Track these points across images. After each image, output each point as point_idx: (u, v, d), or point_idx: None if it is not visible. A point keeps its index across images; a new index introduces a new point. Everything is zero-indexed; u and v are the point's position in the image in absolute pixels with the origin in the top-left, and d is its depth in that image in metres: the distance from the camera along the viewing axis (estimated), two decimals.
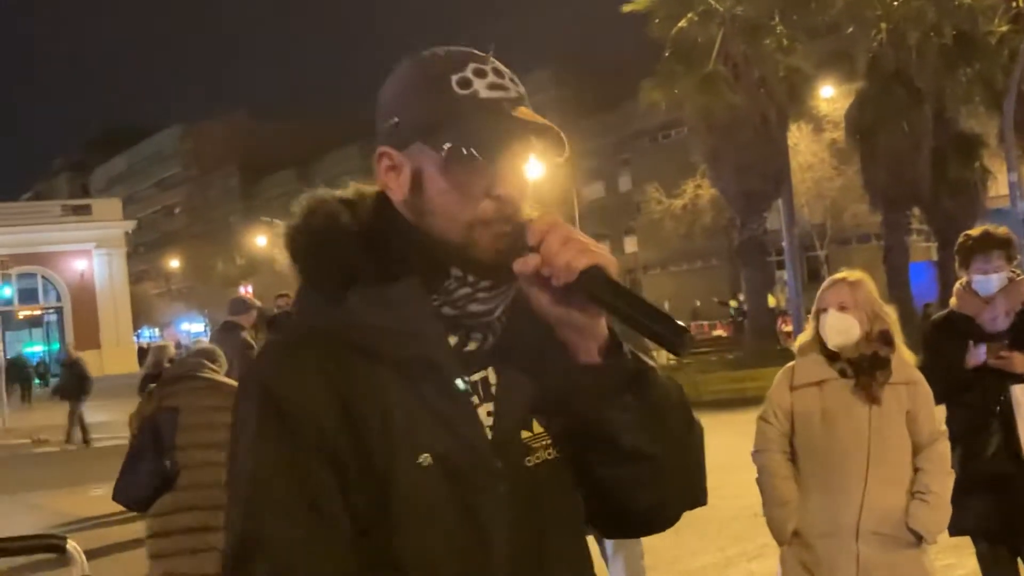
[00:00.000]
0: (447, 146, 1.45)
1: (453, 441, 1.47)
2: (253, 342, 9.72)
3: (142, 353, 41.71)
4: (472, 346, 1.52)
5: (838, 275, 4.11)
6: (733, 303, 37.43)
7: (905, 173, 24.94)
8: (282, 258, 1.57)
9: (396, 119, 1.51)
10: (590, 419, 1.49)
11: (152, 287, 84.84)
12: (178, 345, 35.36)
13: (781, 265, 31.19)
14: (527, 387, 1.53)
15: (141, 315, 70.30)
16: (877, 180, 25.65)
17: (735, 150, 23.95)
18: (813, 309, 4.07)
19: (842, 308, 3.95)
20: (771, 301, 28.09)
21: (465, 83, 1.47)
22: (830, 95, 30.47)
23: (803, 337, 4.13)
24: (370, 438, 1.44)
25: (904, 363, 3.99)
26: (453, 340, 1.51)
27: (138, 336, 74.41)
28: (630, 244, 55.03)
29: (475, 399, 1.51)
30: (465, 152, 1.45)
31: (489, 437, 1.50)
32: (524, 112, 1.48)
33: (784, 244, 26.36)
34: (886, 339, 3.96)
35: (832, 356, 3.98)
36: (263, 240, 64.39)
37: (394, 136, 1.52)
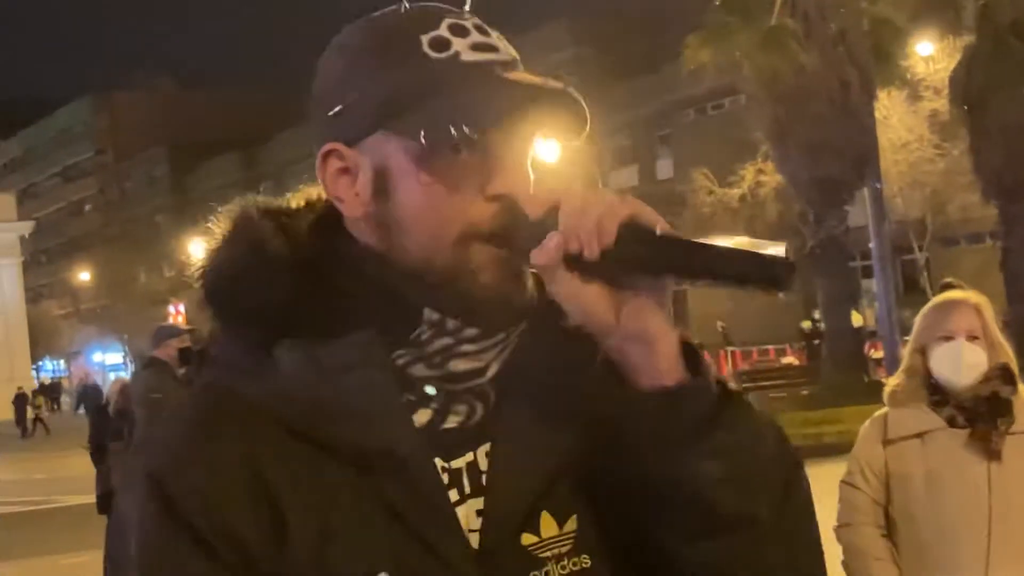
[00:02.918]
0: (424, 129, 1.35)
1: (418, 557, 1.37)
2: (182, 385, 9.73)
3: (44, 392, 41.88)
4: (453, 422, 1.43)
5: (957, 294, 4.09)
6: (806, 323, 37.41)
7: None
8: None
9: (342, 104, 1.42)
10: (665, 473, 1.35)
11: (55, 307, 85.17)
12: (89, 383, 35.44)
13: (868, 272, 31.16)
14: (535, 470, 1.42)
15: (41, 342, 70.48)
16: (990, 162, 25.62)
17: (806, 125, 23.96)
18: (920, 337, 4.03)
19: (972, 338, 3.94)
20: (856, 319, 28.05)
21: (441, 44, 1.39)
22: (929, 54, 30.46)
23: (898, 381, 4.09)
24: (306, 555, 1.35)
25: None
26: (425, 415, 1.41)
27: (38, 370, 74.59)
28: None
29: (454, 494, 1.41)
30: (453, 134, 1.33)
31: (474, 547, 1.40)
32: (524, 76, 1.40)
33: (872, 246, 26.30)
34: (1007, 376, 3.96)
35: (939, 400, 3.97)
36: (198, 246, 64.64)
37: (343, 127, 1.42)
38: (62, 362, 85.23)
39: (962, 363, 3.92)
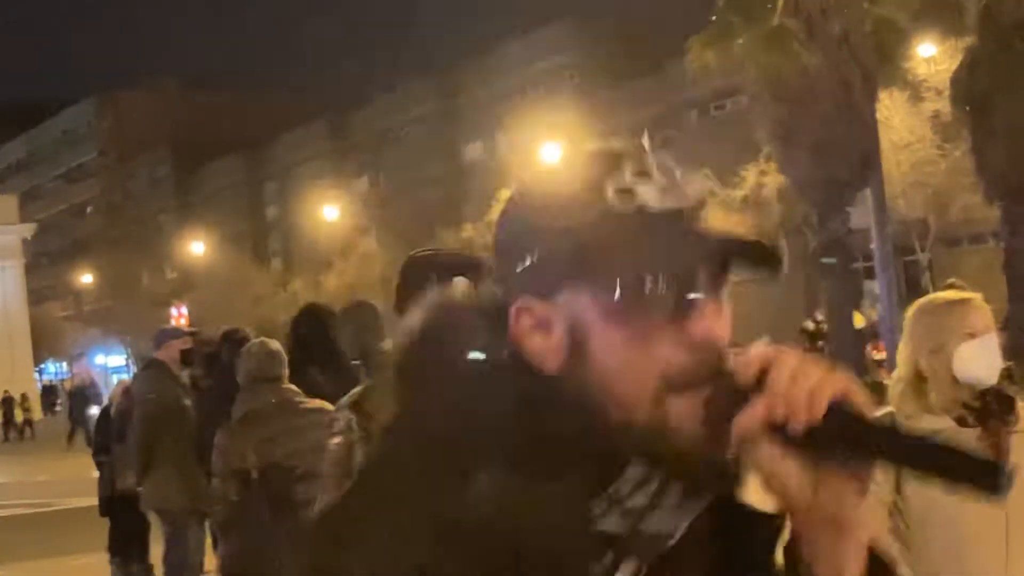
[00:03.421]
0: (615, 284, 1.32)
1: None
2: (181, 386, 9.72)
3: (47, 394, 41.80)
4: None
5: (957, 293, 4.10)
6: (809, 324, 37.38)
7: None
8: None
9: (531, 258, 1.38)
10: None
11: (58, 308, 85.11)
12: (91, 384, 35.42)
13: (871, 273, 31.13)
14: None
15: (44, 344, 70.44)
16: (993, 163, 25.58)
17: (809, 125, 23.93)
18: (936, 338, 3.98)
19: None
20: (858, 320, 28.03)
21: (626, 194, 1.35)
22: (931, 55, 30.44)
23: (905, 384, 4.06)
24: None
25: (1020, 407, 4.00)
26: (596, 570, 1.33)
27: (40, 372, 74.57)
28: None
29: None
30: (649, 287, 1.31)
31: None
32: (717, 222, 1.38)
33: (874, 246, 26.31)
34: (1009, 374, 3.97)
35: (953, 401, 3.96)
36: (201, 247, 64.62)
37: (533, 281, 1.37)
38: (64, 364, 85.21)
39: (997, 358, 3.90)
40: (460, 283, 1.51)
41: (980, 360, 3.90)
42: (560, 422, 1.34)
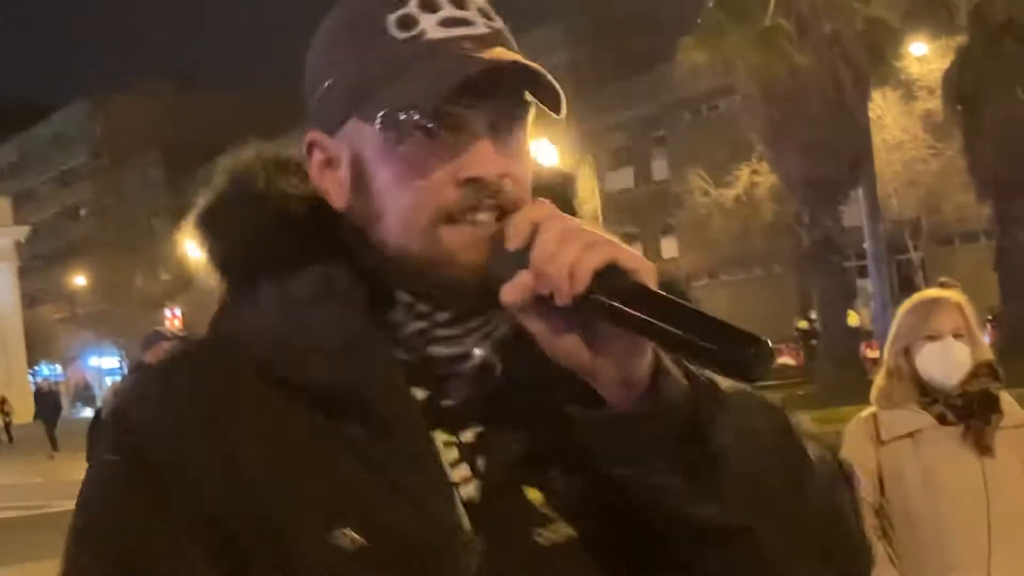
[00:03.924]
0: (381, 114, 1.30)
1: (393, 506, 1.28)
2: None
3: (40, 397, 41.70)
4: (453, 399, 1.36)
5: (936, 292, 4.12)
6: (802, 323, 37.43)
7: (1021, 152, 24.96)
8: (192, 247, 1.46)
9: (320, 90, 1.38)
10: (640, 493, 1.30)
11: (52, 311, 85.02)
12: (85, 386, 35.37)
13: (863, 272, 31.19)
14: (531, 436, 1.35)
15: (38, 347, 70.41)
16: (985, 162, 25.68)
17: (801, 125, 23.99)
18: (904, 337, 4.05)
19: (958, 335, 3.95)
20: (852, 319, 28.11)
21: (407, 22, 1.32)
22: (922, 54, 30.47)
23: (884, 382, 4.10)
24: (261, 501, 1.27)
25: (1011, 402, 4.01)
26: (420, 393, 1.35)
27: (34, 374, 74.49)
28: (668, 248, 55.09)
29: (465, 469, 1.34)
30: (404, 118, 1.29)
31: (465, 499, 1.32)
32: (498, 53, 1.31)
33: (867, 245, 26.36)
34: (993, 372, 3.98)
35: (928, 399, 3.99)
36: (195, 249, 64.58)
37: (322, 115, 1.38)
38: (58, 367, 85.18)
39: (954, 362, 3.93)
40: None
41: (936, 363, 3.95)
42: (342, 255, 1.36)
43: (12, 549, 15.01)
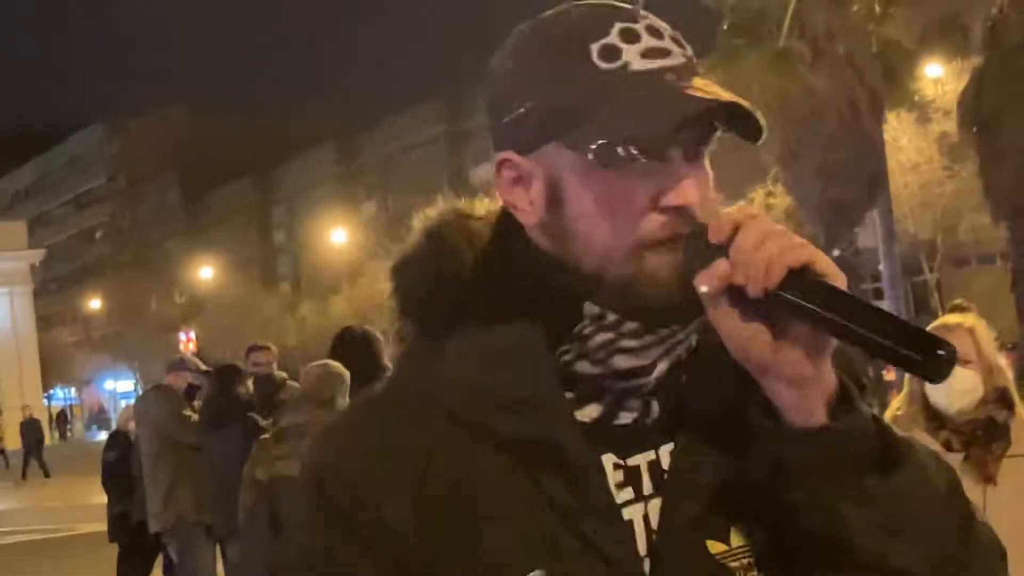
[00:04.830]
0: (594, 145, 1.32)
1: (578, 555, 1.33)
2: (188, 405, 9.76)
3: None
4: (626, 419, 1.40)
5: (951, 318, 4.11)
6: None
7: None
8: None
9: (515, 112, 1.39)
10: (811, 517, 1.31)
11: (67, 334, 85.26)
12: (100, 409, 35.46)
13: (879, 294, 31.11)
14: (715, 472, 1.38)
15: (53, 370, 70.50)
16: (1001, 183, 25.60)
17: (816, 147, 23.98)
18: None
19: (965, 362, 3.94)
20: None
21: (610, 52, 1.35)
22: (938, 75, 30.45)
23: (897, 405, 4.11)
24: (451, 546, 1.34)
25: None
26: (594, 410, 1.40)
27: (49, 398, 74.63)
28: None
29: (628, 492, 1.38)
30: (621, 151, 1.31)
31: (644, 547, 1.36)
32: (699, 85, 1.37)
33: (882, 267, 26.32)
34: (1005, 400, 3.97)
35: (936, 424, 3.98)
36: (210, 271, 64.76)
37: (516, 135, 1.40)
38: (72, 390, 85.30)
39: (952, 388, 3.92)
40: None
41: (940, 389, 3.93)
42: (530, 275, 1.41)
43: (27, 571, 15.02)
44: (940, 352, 1.26)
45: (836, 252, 25.07)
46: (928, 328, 4.07)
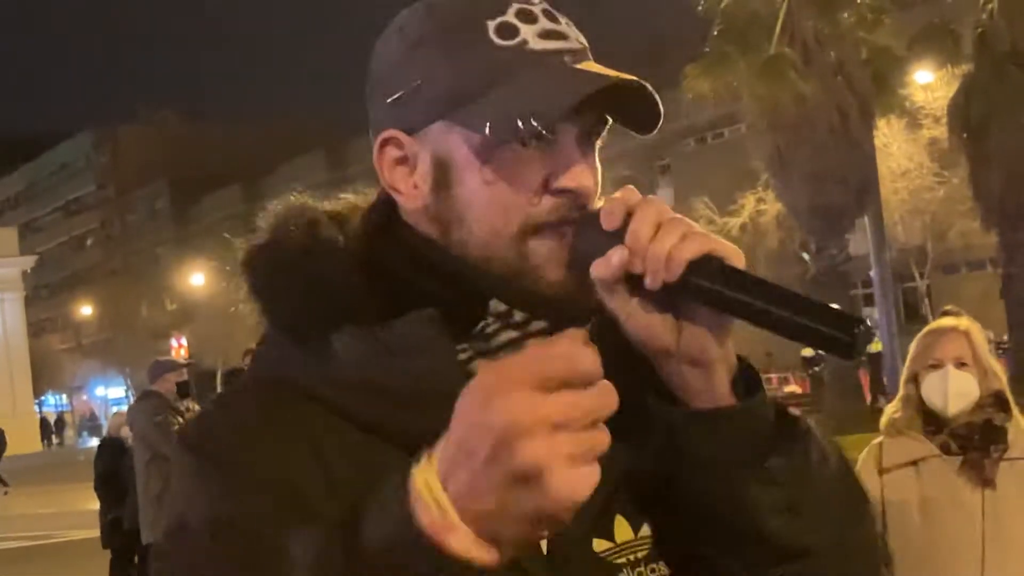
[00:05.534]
0: (489, 121, 1.28)
1: None
2: (180, 413, 9.73)
3: (46, 427, 41.68)
4: None
5: (946, 321, 4.11)
6: (807, 350, 37.35)
7: None
8: (236, 292, 1.40)
9: (403, 90, 1.34)
10: (716, 499, 1.29)
11: (58, 341, 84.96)
12: (91, 416, 35.39)
13: (870, 300, 31.20)
14: (607, 470, 1.33)
15: (44, 377, 70.29)
16: (991, 189, 25.65)
17: (806, 153, 24.00)
18: (911, 366, 4.06)
19: (961, 364, 3.94)
20: (876, 346, 28.03)
21: (508, 30, 1.32)
22: (928, 82, 30.50)
23: (894, 409, 4.11)
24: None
25: (1022, 432, 3.99)
26: None
27: (40, 404, 74.42)
28: None
29: None
30: (519, 126, 1.26)
31: (545, 551, 1.31)
32: (593, 66, 1.34)
33: (873, 273, 26.34)
34: (1001, 403, 3.97)
35: (933, 428, 3.98)
36: (200, 278, 64.54)
37: (403, 114, 1.35)
38: (64, 396, 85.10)
39: (949, 391, 3.92)
40: None
41: (935, 391, 3.95)
42: (409, 266, 1.34)
43: None
44: (856, 329, 1.22)
45: (826, 258, 25.12)
46: (923, 332, 4.10)
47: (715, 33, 24.58)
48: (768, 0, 24.42)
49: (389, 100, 1.36)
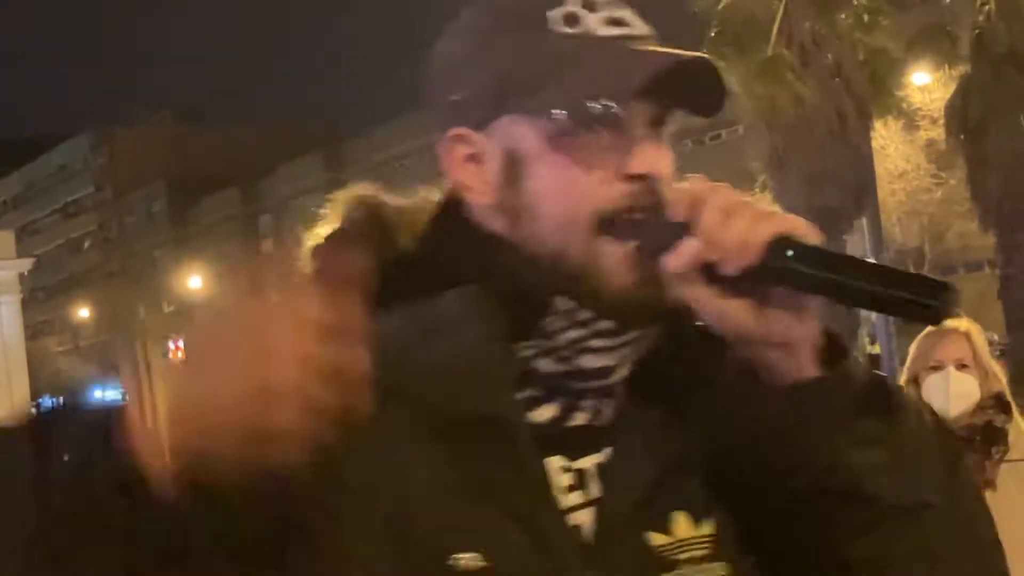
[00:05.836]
0: (560, 106, 1.27)
1: (516, 540, 1.24)
2: None
3: None
4: (580, 419, 1.33)
5: (947, 322, 4.11)
6: None
7: None
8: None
9: (469, 87, 1.33)
10: (820, 465, 1.27)
11: (55, 343, 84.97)
12: None
13: None
14: (652, 463, 1.32)
15: (41, 379, 70.24)
16: (988, 190, 25.67)
17: (804, 155, 24.00)
18: (911, 367, 4.05)
19: (962, 366, 3.93)
20: (875, 348, 28.03)
21: (572, 18, 1.31)
22: (925, 83, 30.51)
23: None
24: (384, 527, 1.21)
25: (1023, 434, 3.99)
26: (549, 411, 1.31)
27: (37, 407, 74.27)
28: None
29: (578, 496, 1.30)
30: (592, 108, 1.26)
31: (589, 540, 1.29)
32: (659, 48, 1.32)
33: None
34: (1002, 404, 3.96)
35: None
36: (198, 280, 64.60)
37: (468, 112, 1.33)
38: (61, 399, 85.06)
39: (950, 392, 3.92)
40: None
41: (936, 393, 3.95)
42: (474, 266, 1.31)
43: None
44: (944, 294, 1.21)
45: None
46: (923, 333, 4.09)
47: (712, 35, 24.58)
48: (765, 1, 24.43)
49: (454, 98, 1.35)
